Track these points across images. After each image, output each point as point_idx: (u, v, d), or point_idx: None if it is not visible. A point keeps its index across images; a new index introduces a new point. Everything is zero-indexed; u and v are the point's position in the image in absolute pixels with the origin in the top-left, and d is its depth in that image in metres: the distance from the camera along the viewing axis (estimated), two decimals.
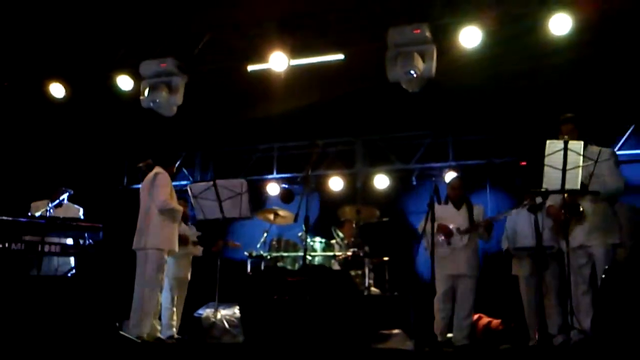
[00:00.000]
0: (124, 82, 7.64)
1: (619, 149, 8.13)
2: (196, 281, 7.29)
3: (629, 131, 8.25)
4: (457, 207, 6.40)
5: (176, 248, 6.21)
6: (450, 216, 6.33)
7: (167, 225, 6.08)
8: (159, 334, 6.23)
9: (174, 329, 6.86)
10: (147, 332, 5.93)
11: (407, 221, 8.89)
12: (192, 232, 7.24)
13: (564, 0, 6.30)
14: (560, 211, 5.22)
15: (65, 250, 6.60)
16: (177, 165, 6.53)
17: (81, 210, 7.36)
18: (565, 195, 5.14)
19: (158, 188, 6.05)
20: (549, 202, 5.42)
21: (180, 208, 6.24)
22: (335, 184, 9.23)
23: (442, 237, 6.18)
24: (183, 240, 6.68)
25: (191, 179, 10.01)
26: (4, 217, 6.21)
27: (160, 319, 6.63)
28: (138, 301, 5.97)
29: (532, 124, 7.96)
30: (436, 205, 6.37)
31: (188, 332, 7.16)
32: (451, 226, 6.24)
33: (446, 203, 6.45)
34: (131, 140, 9.38)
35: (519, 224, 6.45)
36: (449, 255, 6.18)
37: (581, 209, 5.22)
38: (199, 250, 7.24)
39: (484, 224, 6.27)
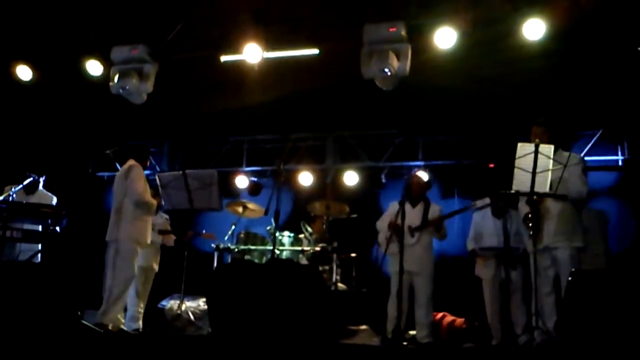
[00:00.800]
0: (94, 67, 7.49)
1: (586, 155, 8.30)
2: (161, 272, 7.20)
3: (596, 136, 8.41)
4: (413, 204, 6.43)
5: (148, 241, 6.15)
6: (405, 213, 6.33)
7: (141, 218, 6.05)
8: (122, 326, 6.14)
9: (140, 322, 6.75)
10: (112, 322, 5.86)
11: (375, 218, 8.91)
12: (160, 221, 7.14)
13: (538, 6, 6.39)
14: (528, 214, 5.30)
15: (28, 237, 6.42)
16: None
17: (55, 198, 7.19)
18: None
19: (133, 182, 6.02)
20: (525, 210, 5.46)
21: (154, 201, 6.19)
22: (305, 179, 9.21)
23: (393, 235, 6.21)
24: None
25: (158, 168, 9.87)
26: None
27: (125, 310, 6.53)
28: (108, 291, 5.94)
29: (502, 127, 8.07)
30: (395, 203, 6.43)
31: (151, 323, 7.07)
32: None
33: (406, 201, 6.49)
34: (98, 126, 9.21)
35: (484, 225, 6.51)
36: (399, 252, 6.17)
37: (538, 200, 5.28)
38: (171, 240, 7.13)
39: (434, 222, 6.31)
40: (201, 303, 7.25)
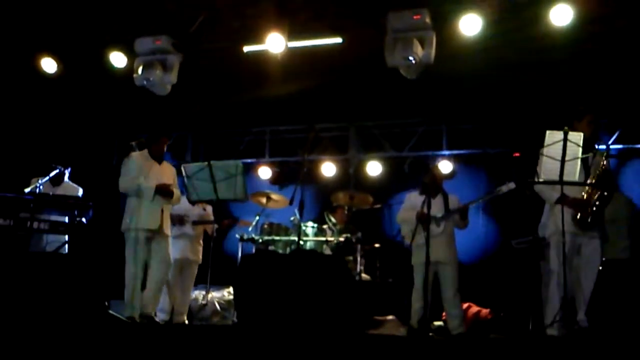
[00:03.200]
0: (118, 59, 7.51)
1: (614, 143, 8.18)
2: None
3: (617, 133, 8.28)
4: (433, 196, 6.37)
5: (153, 226, 6.07)
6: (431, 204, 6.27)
7: (142, 205, 6.05)
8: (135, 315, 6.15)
9: (167, 313, 6.74)
10: (135, 312, 5.90)
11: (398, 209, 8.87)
12: (197, 212, 7.12)
13: None
14: (585, 201, 5.23)
15: (55, 228, 6.49)
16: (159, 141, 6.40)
17: (80, 189, 7.26)
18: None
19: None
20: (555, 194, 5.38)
21: (147, 185, 6.09)
22: (328, 169, 9.19)
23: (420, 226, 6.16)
24: (178, 221, 6.60)
25: (181, 160, 9.90)
26: None
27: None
28: (125, 282, 6.02)
29: (527, 115, 7.97)
30: (413, 195, 6.44)
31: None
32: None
33: (422, 193, 6.44)
34: (123, 118, 9.25)
35: None
36: (425, 243, 6.13)
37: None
38: (211, 229, 7.12)
39: (461, 209, 6.26)
40: (226, 293, 7.29)
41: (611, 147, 8.19)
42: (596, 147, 5.41)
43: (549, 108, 7.30)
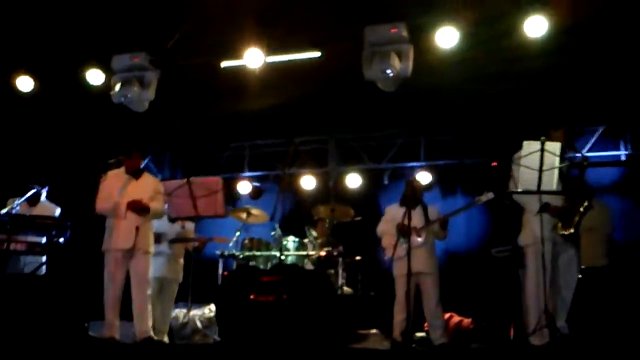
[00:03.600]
0: (95, 76, 7.46)
1: (589, 151, 8.28)
2: None
3: (599, 132, 8.40)
4: (413, 207, 6.38)
5: (127, 245, 5.86)
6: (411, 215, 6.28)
7: (117, 224, 5.90)
8: (115, 335, 6.04)
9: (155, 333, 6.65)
10: (118, 333, 5.80)
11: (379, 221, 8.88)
12: (175, 230, 7.03)
13: (539, 3, 6.35)
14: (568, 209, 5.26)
15: (32, 249, 6.39)
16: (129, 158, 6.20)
17: (58, 209, 7.15)
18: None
19: None
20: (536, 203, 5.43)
21: (120, 203, 5.92)
22: (308, 182, 9.18)
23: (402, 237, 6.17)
24: (155, 238, 6.51)
25: (160, 176, 9.83)
26: None
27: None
28: (104, 303, 5.91)
29: (504, 125, 8.05)
30: (392, 207, 6.48)
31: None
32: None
33: (401, 205, 6.47)
34: (100, 136, 9.18)
35: None
36: (406, 254, 6.13)
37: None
38: (191, 247, 7.03)
39: (441, 219, 6.29)
40: (207, 311, 7.22)
41: (587, 155, 8.30)
42: (573, 155, 5.48)
43: (526, 118, 7.39)
